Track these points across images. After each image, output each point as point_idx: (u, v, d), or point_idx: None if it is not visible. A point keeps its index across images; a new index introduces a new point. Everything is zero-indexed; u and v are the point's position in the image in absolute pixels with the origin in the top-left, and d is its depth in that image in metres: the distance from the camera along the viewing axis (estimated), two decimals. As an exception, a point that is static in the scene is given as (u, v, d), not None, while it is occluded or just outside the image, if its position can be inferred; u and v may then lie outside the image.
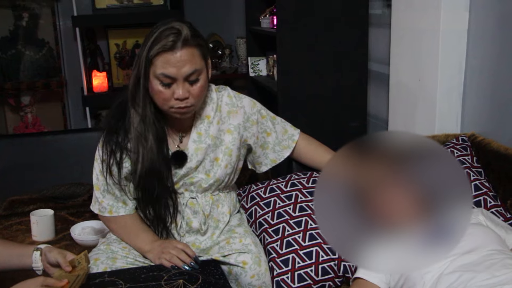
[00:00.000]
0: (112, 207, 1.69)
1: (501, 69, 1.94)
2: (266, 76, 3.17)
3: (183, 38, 1.48)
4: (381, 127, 2.75)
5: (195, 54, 1.52)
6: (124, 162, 1.63)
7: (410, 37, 2.24)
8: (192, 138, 1.68)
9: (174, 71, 1.49)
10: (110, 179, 1.64)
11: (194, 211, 1.70)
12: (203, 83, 1.56)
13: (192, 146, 1.67)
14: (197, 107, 1.63)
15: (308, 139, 1.89)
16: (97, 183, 1.70)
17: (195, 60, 1.52)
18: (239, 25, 4.18)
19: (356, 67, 2.60)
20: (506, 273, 1.35)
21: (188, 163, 1.67)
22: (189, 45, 1.50)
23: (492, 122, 2.01)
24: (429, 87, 2.14)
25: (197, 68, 1.52)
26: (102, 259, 1.61)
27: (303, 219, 1.74)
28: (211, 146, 1.68)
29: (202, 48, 1.55)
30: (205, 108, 1.69)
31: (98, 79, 3.65)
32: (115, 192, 1.68)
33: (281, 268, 1.66)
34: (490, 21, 1.97)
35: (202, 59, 1.55)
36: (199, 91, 1.55)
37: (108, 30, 3.76)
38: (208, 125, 1.69)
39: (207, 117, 1.69)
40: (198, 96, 1.56)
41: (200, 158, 1.67)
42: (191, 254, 1.60)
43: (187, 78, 1.52)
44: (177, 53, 1.48)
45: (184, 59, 1.49)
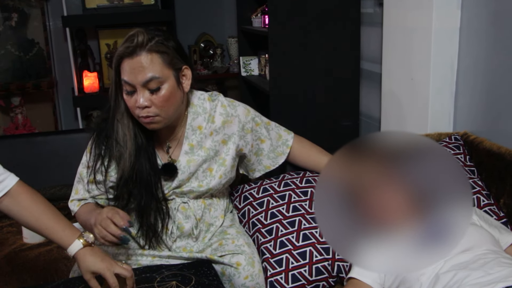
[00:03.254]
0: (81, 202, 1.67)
1: (493, 67, 1.95)
2: (258, 75, 3.16)
3: (139, 44, 1.45)
4: (373, 126, 2.75)
5: (154, 61, 1.46)
6: (110, 171, 1.61)
7: (402, 36, 2.24)
8: (184, 150, 1.65)
9: (131, 78, 1.46)
10: (92, 184, 1.63)
11: (185, 215, 1.67)
12: (167, 93, 1.49)
13: (184, 158, 1.64)
14: (170, 119, 1.55)
15: (301, 141, 1.88)
16: (76, 186, 1.69)
17: (153, 68, 1.46)
18: (230, 25, 4.17)
19: (348, 66, 2.60)
20: (500, 271, 1.35)
21: (180, 176, 1.63)
22: (147, 51, 1.46)
23: (484, 121, 2.02)
24: (421, 86, 2.14)
25: (155, 76, 1.46)
26: (94, 260, 1.59)
27: (297, 219, 1.73)
28: (204, 158, 1.65)
29: (166, 55, 1.49)
30: (197, 118, 1.65)
31: (89, 79, 3.62)
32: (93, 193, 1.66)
33: (275, 269, 1.65)
34: (482, 19, 1.97)
35: (167, 67, 1.49)
36: (161, 100, 1.49)
37: (99, 30, 3.74)
38: (200, 136, 1.65)
39: (199, 127, 1.66)
40: (163, 107, 1.50)
41: (192, 170, 1.65)
42: (119, 223, 1.45)
43: (145, 85, 1.47)
44: (133, 59, 1.46)
45: (139, 66, 1.45)
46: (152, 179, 1.59)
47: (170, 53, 1.50)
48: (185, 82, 1.56)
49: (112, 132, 1.59)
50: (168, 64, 1.49)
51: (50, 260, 1.84)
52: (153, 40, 1.48)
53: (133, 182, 1.58)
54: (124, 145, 1.57)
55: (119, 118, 1.57)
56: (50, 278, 1.76)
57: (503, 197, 1.77)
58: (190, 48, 3.99)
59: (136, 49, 1.46)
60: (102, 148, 1.61)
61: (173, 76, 1.51)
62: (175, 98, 1.53)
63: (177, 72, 1.53)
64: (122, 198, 1.60)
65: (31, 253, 1.88)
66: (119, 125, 1.58)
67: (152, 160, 1.61)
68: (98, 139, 1.63)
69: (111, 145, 1.59)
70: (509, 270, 1.35)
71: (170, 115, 1.55)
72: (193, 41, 4.07)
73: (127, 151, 1.57)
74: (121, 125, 1.57)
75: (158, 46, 1.48)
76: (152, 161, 1.61)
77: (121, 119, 1.57)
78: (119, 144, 1.58)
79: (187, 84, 1.56)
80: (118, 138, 1.58)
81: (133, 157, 1.57)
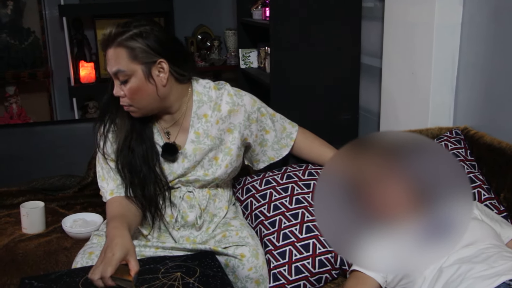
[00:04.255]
0: (113, 190, 1.65)
1: (494, 63, 1.96)
2: (257, 68, 3.16)
3: (106, 38, 1.52)
4: (372, 120, 2.75)
5: (120, 55, 1.50)
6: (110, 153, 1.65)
7: (403, 31, 2.24)
8: (190, 138, 1.66)
9: (107, 67, 1.56)
10: (109, 162, 1.66)
11: (190, 205, 1.68)
12: (134, 86, 1.53)
13: (190, 147, 1.65)
14: (146, 110, 1.59)
15: (305, 133, 1.89)
16: (101, 172, 1.69)
17: (119, 61, 1.50)
18: (228, 17, 4.16)
19: (349, 60, 2.61)
20: (503, 264, 1.36)
21: (186, 163, 1.65)
22: (116, 45, 1.51)
23: (484, 116, 2.03)
24: (422, 80, 2.14)
25: (120, 69, 1.50)
26: (96, 252, 1.58)
27: (300, 211, 1.74)
28: (210, 147, 1.67)
29: (133, 50, 1.50)
30: (202, 106, 1.67)
31: (85, 69, 3.60)
32: (117, 178, 1.66)
33: (278, 261, 1.65)
34: (483, 15, 1.98)
35: (133, 61, 1.51)
36: (129, 93, 1.53)
37: (96, 19, 3.71)
38: (206, 125, 1.67)
39: (205, 116, 1.67)
40: (132, 99, 1.54)
41: (198, 159, 1.66)
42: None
43: (116, 76, 1.53)
44: (107, 51, 1.54)
45: (109, 58, 1.53)
46: (149, 154, 1.62)
47: (139, 48, 1.51)
48: (160, 76, 1.56)
49: (115, 111, 1.64)
50: (134, 59, 1.51)
51: (50, 251, 1.83)
52: (125, 33, 1.50)
53: (130, 153, 1.61)
54: (121, 120, 1.63)
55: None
56: (50, 268, 1.75)
57: (503, 191, 1.79)
58: (187, 40, 3.97)
59: (107, 42, 1.53)
60: (105, 126, 1.66)
61: (141, 70, 1.52)
62: (144, 92, 1.55)
63: (148, 66, 1.53)
64: (123, 173, 1.62)
65: (31, 244, 1.87)
66: (120, 105, 1.62)
67: (149, 135, 1.64)
68: (103, 121, 1.68)
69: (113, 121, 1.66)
70: (511, 263, 1.37)
71: (144, 106, 1.58)
72: (191, 33, 4.05)
73: (123, 125, 1.63)
74: (122, 107, 1.62)
75: (127, 41, 1.50)
76: (148, 135, 1.64)
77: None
78: (118, 119, 1.64)
79: (163, 77, 1.56)
80: (118, 115, 1.64)
81: (128, 129, 1.62)
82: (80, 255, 1.59)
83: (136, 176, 1.62)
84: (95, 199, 2.17)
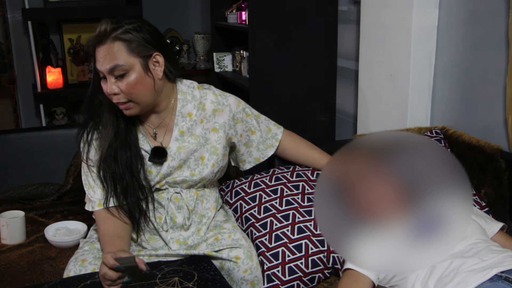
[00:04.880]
0: (101, 200, 1.63)
1: (469, 64, 2.03)
2: (232, 71, 3.16)
3: (101, 33, 1.50)
4: (348, 122, 2.80)
5: (118, 49, 1.49)
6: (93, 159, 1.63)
7: (380, 33, 2.29)
8: (174, 136, 1.66)
9: (99, 65, 1.52)
10: (94, 169, 1.63)
11: (178, 206, 1.68)
12: (133, 80, 1.52)
13: (174, 145, 1.65)
14: (145, 105, 1.58)
15: (290, 135, 1.91)
16: (86, 180, 1.66)
17: (117, 56, 1.49)
18: (196, 21, 4.14)
19: (326, 62, 2.65)
20: (493, 258, 1.41)
21: (170, 162, 1.64)
22: (112, 39, 1.50)
23: (461, 116, 2.10)
24: (401, 82, 2.20)
25: (118, 64, 1.49)
26: (89, 259, 1.55)
27: (290, 212, 1.75)
28: (195, 146, 1.66)
29: (131, 43, 1.51)
30: (186, 105, 1.67)
31: (52, 75, 3.51)
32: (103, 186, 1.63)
33: (271, 262, 1.66)
34: (458, 18, 2.05)
35: (132, 55, 1.51)
36: (127, 87, 1.51)
37: (63, 24, 3.62)
38: (190, 123, 1.67)
39: (189, 114, 1.67)
40: (130, 94, 1.53)
41: (183, 157, 1.66)
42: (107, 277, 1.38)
43: (111, 73, 1.51)
44: (100, 48, 1.51)
45: (104, 54, 1.50)
46: (133, 160, 1.60)
47: (136, 41, 1.52)
48: (156, 69, 1.56)
49: (99, 117, 1.63)
50: (132, 52, 1.51)
51: (34, 261, 1.77)
52: (119, 28, 1.51)
53: (113, 162, 1.59)
54: (105, 126, 1.61)
55: (104, 103, 1.61)
56: (36, 279, 1.70)
57: (484, 187, 1.85)
58: (156, 44, 3.93)
59: (101, 38, 1.50)
60: (89, 133, 1.64)
61: (139, 63, 1.53)
62: (143, 85, 1.54)
63: (146, 59, 1.54)
64: (105, 181, 1.60)
65: (12, 254, 1.81)
66: (105, 108, 1.61)
67: (134, 141, 1.62)
68: (86, 128, 1.66)
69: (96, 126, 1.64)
70: (501, 256, 1.42)
71: (143, 101, 1.57)
72: (159, 37, 4.01)
73: (107, 132, 1.60)
74: (106, 109, 1.61)
75: (123, 34, 1.50)
76: (133, 141, 1.62)
77: (105, 104, 1.61)
78: (102, 126, 1.62)
79: (159, 70, 1.57)
80: (102, 121, 1.62)
81: (111, 137, 1.60)
82: (72, 263, 1.55)
83: (119, 184, 1.60)
84: (75, 206, 2.12)
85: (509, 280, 1.32)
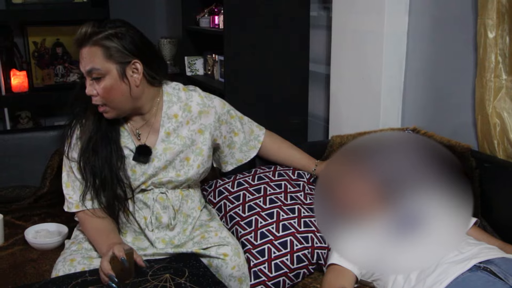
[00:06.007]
0: (78, 202, 1.63)
1: (437, 67, 2.14)
2: (203, 75, 3.19)
3: (82, 36, 1.53)
4: (319, 125, 2.87)
5: (95, 53, 1.52)
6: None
7: (352, 39, 2.37)
8: (160, 137, 1.67)
9: (80, 66, 1.56)
10: (74, 170, 1.64)
11: (164, 206, 1.69)
12: (108, 85, 1.54)
13: (160, 146, 1.67)
14: (121, 110, 1.59)
15: (272, 136, 1.95)
16: (66, 179, 1.67)
17: (94, 59, 1.52)
18: (162, 26, 4.14)
19: (298, 66, 2.72)
20: (470, 250, 1.50)
21: (156, 163, 1.66)
22: (92, 43, 1.53)
23: (430, 117, 2.20)
24: (373, 85, 2.28)
25: (94, 67, 1.52)
26: (78, 259, 1.55)
27: (275, 210, 1.79)
28: (181, 147, 1.68)
29: (108, 49, 1.52)
30: (172, 107, 1.69)
31: (17, 78, 3.43)
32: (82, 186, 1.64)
33: (257, 259, 1.69)
34: (427, 24, 2.15)
35: (108, 61, 1.53)
36: (103, 91, 1.54)
37: (28, 27, 3.55)
38: (176, 125, 1.69)
39: (175, 116, 1.69)
40: (105, 98, 1.55)
41: (169, 158, 1.67)
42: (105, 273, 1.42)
43: (89, 74, 1.54)
44: (81, 49, 1.55)
45: (84, 56, 1.54)
46: (113, 155, 1.61)
47: (115, 48, 1.53)
48: (134, 76, 1.57)
49: (82, 116, 1.66)
50: (109, 58, 1.53)
51: (15, 263, 1.74)
52: (100, 33, 1.53)
53: (92, 156, 1.61)
54: (87, 119, 1.64)
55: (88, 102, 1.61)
56: (19, 281, 1.67)
57: (455, 185, 1.94)
58: (123, 48, 3.91)
59: (82, 40, 1.54)
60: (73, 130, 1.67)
61: (116, 69, 1.54)
62: (118, 91, 1.56)
63: (123, 65, 1.55)
64: (85, 174, 1.62)
65: (-8, 257, 1.78)
66: (89, 104, 1.62)
67: (115, 138, 1.64)
68: (70, 126, 1.68)
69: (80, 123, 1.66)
70: (478, 249, 1.50)
71: (118, 106, 1.58)
72: (126, 41, 3.99)
73: (88, 125, 1.63)
74: (90, 105, 1.62)
75: (102, 40, 1.52)
76: (114, 138, 1.64)
77: (89, 100, 1.61)
78: (85, 119, 1.64)
79: (136, 77, 1.58)
80: (85, 115, 1.65)
81: (92, 130, 1.62)
82: (61, 263, 1.54)
83: (97, 178, 1.61)
84: (53, 209, 2.10)
85: (487, 269, 1.40)
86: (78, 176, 1.64)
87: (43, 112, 3.81)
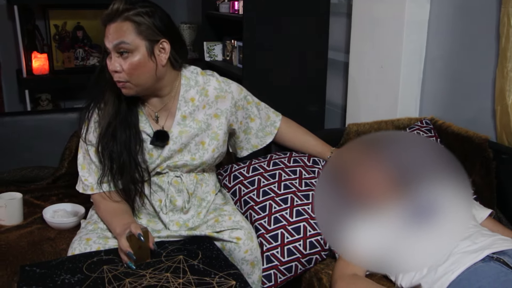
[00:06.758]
0: (94, 185, 1.66)
1: (458, 56, 2.11)
2: (222, 61, 3.20)
3: (113, 12, 1.52)
4: (336, 113, 2.86)
5: (126, 28, 1.52)
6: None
7: (372, 26, 2.35)
8: (176, 120, 1.68)
9: (106, 41, 1.55)
10: (90, 152, 1.66)
11: (178, 189, 1.70)
12: (136, 62, 1.54)
13: (176, 129, 1.68)
14: (142, 88, 1.59)
15: (288, 122, 1.95)
16: (82, 161, 1.69)
17: (124, 34, 1.52)
18: (182, 11, 4.15)
19: (317, 54, 2.71)
20: (484, 241, 1.49)
21: (172, 146, 1.67)
22: (123, 19, 1.52)
23: (449, 107, 2.18)
24: (391, 73, 2.27)
25: (124, 41, 1.52)
26: (94, 238, 1.58)
27: (289, 196, 1.79)
28: (197, 130, 1.69)
29: (140, 25, 1.53)
30: (189, 90, 1.70)
31: (38, 61, 3.48)
32: (98, 170, 1.66)
33: (270, 243, 1.70)
34: (449, 12, 2.13)
35: (139, 37, 1.53)
36: (129, 68, 1.54)
37: (49, 9, 3.59)
38: (192, 108, 1.70)
39: (192, 99, 1.70)
40: (131, 74, 1.55)
41: (184, 141, 1.68)
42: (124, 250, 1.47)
43: (116, 49, 1.54)
44: (110, 25, 1.53)
45: (113, 31, 1.53)
46: (132, 140, 1.63)
47: (146, 25, 1.54)
48: (161, 55, 1.58)
49: (102, 98, 1.66)
50: (140, 34, 1.54)
51: (34, 241, 1.78)
52: (131, 10, 1.53)
53: (111, 141, 1.62)
54: (106, 104, 1.64)
55: (108, 82, 1.62)
56: (37, 258, 1.71)
57: (472, 176, 1.93)
58: (143, 33, 3.92)
59: (113, 16, 1.53)
60: (90, 113, 1.67)
61: (145, 46, 1.55)
62: (144, 68, 1.56)
63: (152, 43, 1.56)
64: (103, 158, 1.63)
65: (12, 235, 1.81)
66: (108, 87, 1.63)
67: (134, 122, 1.65)
68: (88, 109, 1.68)
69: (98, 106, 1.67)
70: (491, 239, 1.49)
71: (141, 84, 1.58)
72: (146, 26, 4.01)
73: (107, 110, 1.63)
74: (108, 88, 1.63)
75: (134, 16, 1.53)
76: (133, 122, 1.65)
77: (109, 83, 1.62)
78: (104, 104, 1.65)
79: (163, 57, 1.59)
80: (104, 99, 1.65)
81: (111, 115, 1.63)
82: (77, 241, 1.57)
83: (115, 163, 1.63)
84: (70, 190, 2.12)
85: (500, 260, 1.40)
86: (95, 159, 1.66)
87: (63, 95, 3.86)
